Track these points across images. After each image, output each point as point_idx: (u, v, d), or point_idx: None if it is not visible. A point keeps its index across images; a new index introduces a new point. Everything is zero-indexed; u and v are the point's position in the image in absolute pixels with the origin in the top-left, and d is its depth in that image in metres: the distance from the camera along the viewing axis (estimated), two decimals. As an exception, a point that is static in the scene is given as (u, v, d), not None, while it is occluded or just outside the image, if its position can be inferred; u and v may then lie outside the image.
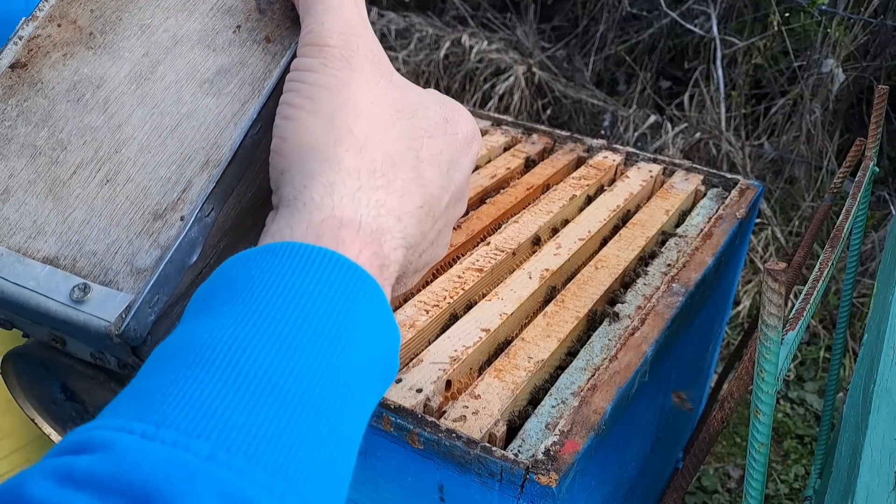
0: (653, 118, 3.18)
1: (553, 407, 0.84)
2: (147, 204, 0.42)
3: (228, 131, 0.43)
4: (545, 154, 1.49)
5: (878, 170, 1.35)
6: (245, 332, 0.33)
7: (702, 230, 1.23)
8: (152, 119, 0.44)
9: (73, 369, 0.45)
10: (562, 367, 0.93)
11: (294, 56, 0.43)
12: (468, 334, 0.93)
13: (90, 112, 0.44)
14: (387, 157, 0.40)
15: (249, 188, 0.45)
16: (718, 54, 3.14)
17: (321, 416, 0.32)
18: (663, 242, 1.22)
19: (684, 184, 1.39)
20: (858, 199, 1.21)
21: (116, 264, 0.41)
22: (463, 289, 1.01)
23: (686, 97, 3.24)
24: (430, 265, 0.46)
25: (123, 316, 0.40)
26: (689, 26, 3.27)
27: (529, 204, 1.27)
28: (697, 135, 3.05)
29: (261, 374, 0.31)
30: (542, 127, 1.56)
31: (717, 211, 1.30)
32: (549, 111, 3.37)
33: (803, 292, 0.95)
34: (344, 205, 0.38)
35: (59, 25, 0.47)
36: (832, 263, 1.03)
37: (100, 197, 0.43)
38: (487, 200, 1.28)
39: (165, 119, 0.44)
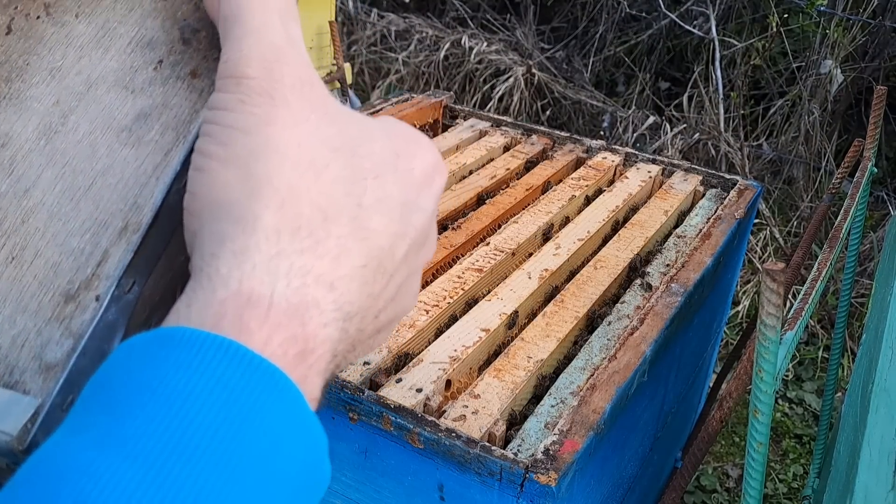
0: (652, 119, 3.18)
1: (552, 406, 0.85)
2: (58, 283, 0.36)
3: (149, 188, 0.37)
4: (544, 155, 1.49)
5: (876, 170, 1.36)
6: (105, 457, 0.27)
7: (700, 230, 1.24)
8: (63, 179, 0.38)
9: (4, 474, 0.40)
10: (561, 367, 0.94)
11: None
12: (468, 334, 0.93)
13: None
14: (317, 209, 0.33)
15: (182, 250, 0.38)
16: (717, 55, 3.14)
17: None
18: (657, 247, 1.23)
19: (683, 184, 1.39)
20: (857, 200, 1.21)
21: (23, 360, 0.36)
22: (463, 289, 1.02)
23: (685, 98, 3.24)
24: (397, 321, 0.40)
25: (29, 426, 0.34)
26: (688, 27, 3.27)
27: (529, 204, 1.28)
28: (696, 135, 3.05)
29: None
30: (542, 128, 1.56)
31: (715, 211, 1.30)
32: (548, 112, 3.37)
33: (802, 292, 0.96)
34: (255, 276, 0.31)
35: None
36: (830, 264, 1.03)
37: (5, 278, 0.37)
38: (487, 201, 1.28)
39: (78, 178, 0.38)
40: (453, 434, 0.76)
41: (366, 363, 0.87)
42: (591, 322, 1.02)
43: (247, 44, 0.35)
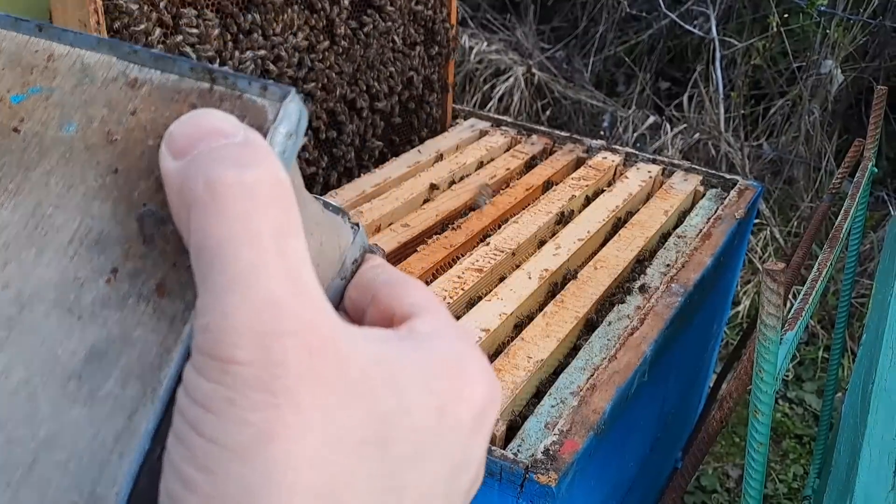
0: (652, 119, 3.18)
1: (552, 407, 0.85)
2: None
3: (111, 469, 0.27)
4: (545, 155, 1.49)
5: (876, 170, 1.36)
6: None
7: (701, 230, 1.24)
8: None
9: None
10: (561, 367, 0.94)
11: None
12: (468, 334, 0.93)
13: None
14: None
15: None
16: (717, 55, 3.14)
17: None
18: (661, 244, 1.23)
19: (683, 184, 1.39)
20: (857, 200, 1.21)
21: None
22: (463, 289, 1.02)
23: (685, 98, 3.24)
24: None
25: None
26: (688, 27, 3.27)
27: (529, 204, 1.28)
28: (696, 135, 3.05)
29: None
30: (542, 128, 1.56)
31: (715, 211, 1.30)
32: (548, 112, 3.37)
33: (802, 292, 0.96)
34: None
35: None
36: (831, 264, 1.03)
37: None
38: (487, 200, 1.28)
39: (15, 451, 0.27)
40: (453, 434, 0.76)
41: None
42: (591, 323, 1.02)
43: (232, 303, 0.24)
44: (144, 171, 0.29)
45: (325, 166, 1.31)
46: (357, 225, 0.35)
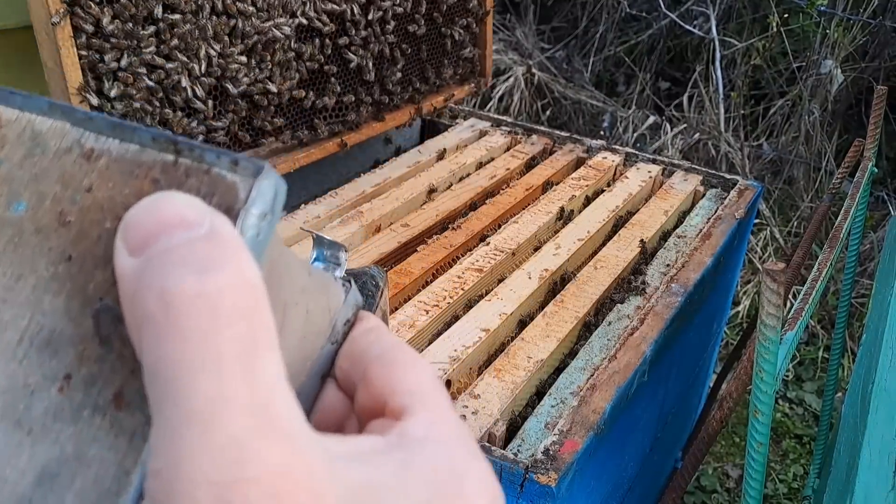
0: (652, 119, 3.18)
1: (552, 406, 0.85)
2: None
3: None
4: (545, 155, 1.49)
5: (876, 170, 1.36)
6: None
7: (701, 230, 1.24)
8: None
9: None
10: (561, 367, 0.94)
11: None
12: (468, 334, 0.93)
13: None
14: None
15: None
16: (717, 55, 3.14)
17: None
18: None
19: (683, 184, 1.39)
20: (857, 200, 1.21)
21: None
22: (463, 289, 1.02)
23: (685, 98, 3.24)
24: None
25: None
26: (688, 27, 3.27)
27: (529, 204, 1.28)
28: (696, 135, 3.05)
29: None
30: (542, 128, 1.56)
31: (715, 211, 1.31)
32: (548, 112, 3.37)
33: (802, 292, 0.96)
34: None
35: None
36: (831, 264, 1.03)
37: None
38: (487, 200, 1.28)
39: None
40: (453, 434, 0.76)
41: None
42: (591, 323, 1.02)
43: (187, 446, 0.21)
44: (101, 259, 0.25)
45: (339, 91, 1.21)
46: (349, 281, 0.33)
